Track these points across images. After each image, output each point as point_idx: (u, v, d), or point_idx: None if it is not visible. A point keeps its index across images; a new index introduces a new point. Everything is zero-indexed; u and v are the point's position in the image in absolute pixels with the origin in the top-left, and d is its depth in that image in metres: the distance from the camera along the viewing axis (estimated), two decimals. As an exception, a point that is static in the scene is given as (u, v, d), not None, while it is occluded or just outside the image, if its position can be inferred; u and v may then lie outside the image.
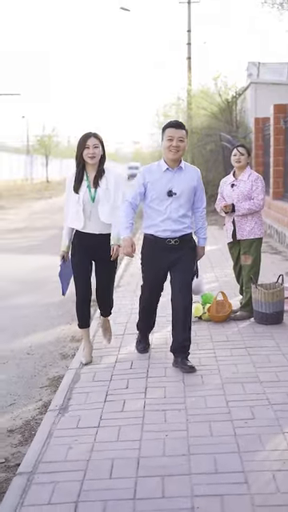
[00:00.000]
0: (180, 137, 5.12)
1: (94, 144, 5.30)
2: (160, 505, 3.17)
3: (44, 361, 6.05)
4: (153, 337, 6.25)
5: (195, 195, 5.34)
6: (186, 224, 5.25)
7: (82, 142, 5.31)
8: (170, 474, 3.48)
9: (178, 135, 5.11)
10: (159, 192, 5.19)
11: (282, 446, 3.76)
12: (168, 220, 5.19)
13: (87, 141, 5.29)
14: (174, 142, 5.09)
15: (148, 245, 5.32)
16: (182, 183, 5.21)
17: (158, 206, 5.21)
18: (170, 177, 5.21)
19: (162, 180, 5.20)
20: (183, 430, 4.05)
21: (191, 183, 5.26)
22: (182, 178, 5.23)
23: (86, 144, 5.29)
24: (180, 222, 5.21)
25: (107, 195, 5.35)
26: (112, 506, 3.18)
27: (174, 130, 5.13)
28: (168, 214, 5.18)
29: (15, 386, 5.39)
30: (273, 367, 5.17)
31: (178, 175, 5.23)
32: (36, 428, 4.42)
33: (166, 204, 5.19)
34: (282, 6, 21.07)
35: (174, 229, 5.20)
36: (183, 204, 5.23)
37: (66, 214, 5.47)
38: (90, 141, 5.30)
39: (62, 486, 3.42)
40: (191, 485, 3.35)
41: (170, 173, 5.22)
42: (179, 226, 5.21)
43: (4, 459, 4.05)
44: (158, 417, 4.27)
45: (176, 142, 5.10)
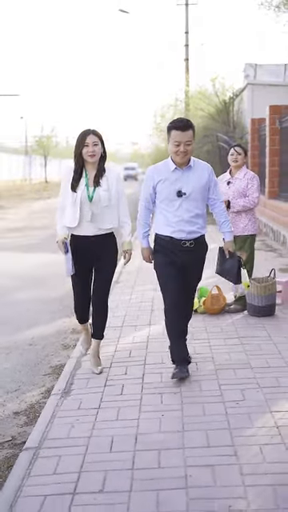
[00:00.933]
0: (187, 141, 4.84)
1: (94, 141, 5.02)
2: (156, 474, 3.46)
3: (46, 351, 6.34)
4: (150, 328, 6.54)
5: (209, 192, 5.10)
6: (199, 224, 5.01)
7: (81, 139, 5.03)
8: (166, 448, 3.77)
9: (185, 139, 4.83)
10: (168, 193, 4.95)
11: (269, 423, 4.05)
12: (181, 221, 4.95)
13: (86, 138, 5.01)
14: (181, 147, 4.83)
15: (161, 245, 5.05)
16: (192, 182, 4.96)
17: (168, 207, 4.98)
18: (179, 176, 4.95)
19: (170, 180, 4.96)
20: (178, 410, 4.34)
21: (202, 181, 5.01)
22: (191, 176, 4.97)
23: (85, 142, 5.01)
24: (193, 222, 4.97)
25: (108, 197, 5.09)
26: (112, 475, 3.47)
27: (180, 134, 4.83)
28: (180, 215, 4.94)
29: (19, 374, 5.68)
30: (264, 355, 5.46)
31: (188, 174, 4.97)
32: (40, 410, 4.70)
33: (176, 205, 4.95)
34: (278, 8, 21.36)
35: (189, 230, 4.96)
36: (195, 204, 4.98)
37: (61, 210, 5.18)
38: (90, 138, 5.02)
39: (65, 459, 3.70)
40: (184, 457, 3.64)
41: (179, 172, 4.96)
42: (193, 227, 4.97)
43: (11, 437, 4.34)
44: (154, 399, 4.56)
45: (184, 147, 4.84)
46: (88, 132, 5.06)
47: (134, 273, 9.95)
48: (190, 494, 3.23)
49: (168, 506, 3.14)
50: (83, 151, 5.03)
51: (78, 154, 5.07)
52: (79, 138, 5.06)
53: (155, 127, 32.19)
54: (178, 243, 4.97)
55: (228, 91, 25.57)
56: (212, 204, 5.21)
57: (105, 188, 5.09)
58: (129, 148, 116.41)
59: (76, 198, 5.05)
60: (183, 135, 4.84)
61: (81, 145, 5.03)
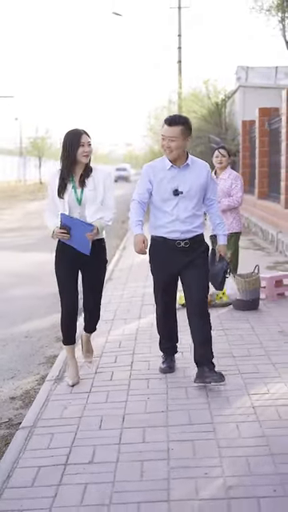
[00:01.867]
0: (171, 136, 4.70)
1: (88, 141, 4.89)
2: (140, 447, 3.80)
3: (41, 343, 6.67)
4: (139, 321, 6.88)
5: (207, 191, 4.95)
6: (195, 224, 4.87)
7: (76, 140, 4.86)
8: (151, 425, 4.11)
9: (169, 134, 4.70)
10: (164, 191, 4.80)
11: (246, 404, 4.39)
12: (176, 221, 4.81)
13: (81, 138, 4.86)
14: (165, 141, 4.74)
15: (156, 247, 4.93)
16: (189, 181, 4.81)
17: (164, 207, 4.83)
18: (175, 174, 4.81)
19: (166, 178, 4.81)
20: (163, 393, 4.68)
21: (200, 180, 4.85)
22: (188, 175, 4.82)
23: (80, 142, 4.85)
24: (189, 222, 4.83)
25: (94, 196, 4.94)
26: (100, 449, 3.80)
27: (166, 129, 4.74)
28: (176, 214, 4.80)
29: (15, 364, 6.01)
30: (245, 344, 5.81)
31: (184, 172, 4.82)
32: (35, 395, 5.03)
33: (172, 204, 4.80)
34: (269, 11, 21.76)
35: (184, 230, 4.81)
36: (191, 203, 4.83)
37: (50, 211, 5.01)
38: (84, 138, 4.88)
39: (58, 436, 4.04)
40: (168, 433, 3.98)
41: (175, 170, 4.81)
42: (189, 227, 4.83)
43: (8, 419, 4.67)
44: (141, 384, 4.90)
45: (167, 142, 4.72)
46: (80, 132, 4.92)
47: (126, 270, 10.31)
48: (171, 464, 3.57)
49: (151, 474, 3.47)
50: (78, 152, 4.85)
51: (73, 155, 4.87)
52: (73, 139, 4.87)
53: (149, 128, 32.58)
54: (172, 243, 4.83)
55: (220, 93, 25.98)
56: (208, 204, 5.06)
57: (91, 187, 4.93)
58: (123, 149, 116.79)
59: (64, 204, 4.90)
60: (168, 130, 4.71)
61: (76, 145, 4.85)
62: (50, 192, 4.99)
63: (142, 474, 3.48)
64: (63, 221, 4.81)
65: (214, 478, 3.39)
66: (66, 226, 4.80)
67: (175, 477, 3.42)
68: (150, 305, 7.50)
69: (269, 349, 5.68)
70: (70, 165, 4.92)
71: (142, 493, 3.27)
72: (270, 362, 5.32)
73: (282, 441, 3.80)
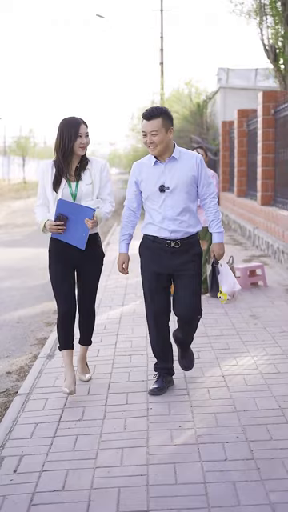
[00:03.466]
0: (152, 130, 4.39)
1: (86, 132, 4.56)
2: (124, 408, 4.39)
3: (32, 327, 7.23)
4: (122, 308, 7.46)
5: (198, 186, 4.58)
6: (187, 223, 4.53)
7: (74, 129, 4.48)
8: (132, 391, 4.69)
9: (149, 129, 4.40)
10: (151, 189, 4.53)
11: (217, 374, 4.99)
12: (165, 219, 4.51)
13: (79, 128, 4.50)
14: (147, 137, 4.43)
15: (146, 246, 4.65)
16: (176, 175, 4.48)
17: (152, 205, 4.57)
18: (161, 170, 4.50)
19: (152, 175, 4.53)
20: (144, 366, 5.26)
21: (189, 173, 4.50)
22: (175, 169, 4.50)
23: (78, 132, 4.49)
24: (179, 220, 4.51)
25: (92, 191, 4.60)
26: (89, 409, 4.38)
27: (145, 123, 4.44)
28: (163, 212, 4.51)
29: (9, 345, 6.56)
30: (219, 326, 6.41)
31: (171, 167, 4.50)
32: (29, 370, 5.58)
33: (159, 202, 4.51)
34: (249, 14, 22.37)
35: (173, 229, 4.50)
36: (180, 199, 4.50)
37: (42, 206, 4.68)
38: (82, 129, 4.52)
39: (51, 400, 4.60)
40: (147, 397, 4.56)
41: (161, 165, 4.51)
42: (179, 227, 4.51)
43: (5, 389, 5.23)
44: (125, 359, 5.48)
45: (150, 138, 4.41)
46: (78, 121, 4.55)
47: (109, 264, 10.86)
48: (150, 420, 4.16)
49: (132, 427, 4.05)
50: (76, 143, 4.49)
51: (69, 147, 4.50)
52: (69, 129, 4.49)
53: (132, 128, 33.11)
54: (162, 243, 4.55)
55: (202, 94, 26.66)
56: (202, 199, 4.67)
57: (88, 182, 4.59)
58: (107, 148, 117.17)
59: (57, 198, 4.54)
60: (148, 125, 4.41)
61: (74, 136, 4.48)
62: (41, 188, 4.63)
63: (125, 428, 4.07)
64: (60, 209, 4.45)
65: (186, 429, 3.99)
66: (62, 215, 4.45)
67: (153, 429, 4.01)
68: (133, 294, 8.15)
69: (240, 330, 6.28)
70: (66, 156, 4.54)
71: (125, 441, 3.86)
72: (240, 340, 5.92)
73: (246, 401, 4.39)
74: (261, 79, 26.45)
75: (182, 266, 4.56)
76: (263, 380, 4.81)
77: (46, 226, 4.55)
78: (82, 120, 4.59)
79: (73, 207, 4.47)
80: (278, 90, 13.87)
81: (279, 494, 3.15)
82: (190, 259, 4.58)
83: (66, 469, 3.54)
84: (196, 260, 4.62)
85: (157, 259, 4.59)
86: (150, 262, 4.63)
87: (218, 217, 4.69)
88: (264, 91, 12.69)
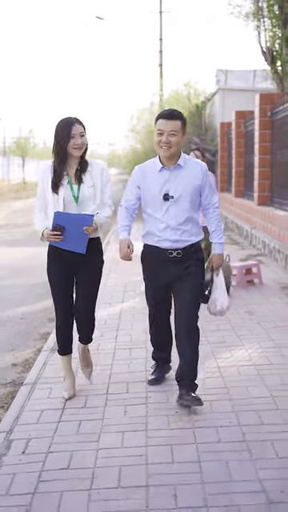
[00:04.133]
0: (171, 130, 4.31)
1: (81, 132, 4.40)
2: (124, 396, 4.67)
3: (35, 323, 7.49)
4: (122, 305, 7.72)
5: (201, 195, 4.51)
6: (189, 232, 4.47)
7: (66, 130, 4.36)
8: (132, 381, 4.97)
9: (168, 128, 4.31)
10: (154, 196, 4.43)
11: (212, 365, 5.27)
12: (167, 229, 4.43)
13: (72, 129, 4.36)
14: (164, 136, 4.32)
15: (147, 256, 4.61)
16: (181, 184, 4.41)
17: (154, 213, 4.46)
18: (166, 177, 4.42)
19: (156, 181, 4.43)
20: (143, 358, 5.53)
21: (193, 182, 4.43)
22: (180, 177, 4.42)
23: (71, 133, 4.36)
24: (182, 230, 4.43)
25: (94, 194, 4.48)
26: (91, 398, 4.66)
27: (164, 122, 4.32)
28: (166, 221, 4.42)
29: (14, 339, 6.83)
30: (215, 321, 6.64)
31: (176, 175, 4.42)
32: (33, 363, 5.84)
33: (162, 210, 4.42)
34: (247, 17, 22.65)
35: (176, 239, 4.43)
36: (184, 209, 4.43)
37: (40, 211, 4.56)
38: (75, 129, 4.37)
39: (56, 390, 4.86)
40: (146, 386, 4.84)
41: (166, 172, 4.42)
42: (181, 236, 4.44)
43: (11, 380, 5.49)
44: (125, 352, 5.75)
45: (166, 137, 4.31)
46: (72, 121, 4.42)
47: (108, 263, 11.13)
48: (149, 407, 4.43)
49: (132, 413, 4.33)
50: (69, 144, 4.38)
51: (64, 148, 4.40)
52: (62, 130, 4.39)
53: (131, 129, 33.38)
54: (164, 253, 4.48)
55: (201, 95, 26.94)
56: (205, 209, 4.59)
57: (89, 184, 4.47)
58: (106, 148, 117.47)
59: (58, 200, 4.42)
60: (167, 124, 4.32)
61: (66, 137, 4.37)
62: (41, 189, 4.52)
63: (125, 414, 4.34)
64: (57, 220, 4.35)
65: (182, 415, 4.25)
66: (59, 226, 4.35)
67: (151, 414, 4.29)
68: (132, 291, 8.42)
69: (235, 325, 6.55)
70: (62, 158, 4.45)
71: (125, 425, 4.14)
72: (235, 334, 6.19)
73: (239, 390, 4.67)
74: (259, 81, 26.75)
75: (182, 274, 4.49)
76: (256, 371, 5.08)
77: (44, 235, 4.44)
78: (76, 119, 4.44)
79: (70, 218, 4.36)
80: (274, 93, 14.13)
81: (268, 472, 3.42)
82: (192, 264, 4.50)
83: (70, 450, 3.81)
84: (198, 264, 4.54)
85: (159, 269, 4.54)
86: (152, 271, 4.60)
87: (221, 227, 4.62)
88: (261, 93, 12.95)
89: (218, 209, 4.63)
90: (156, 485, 3.34)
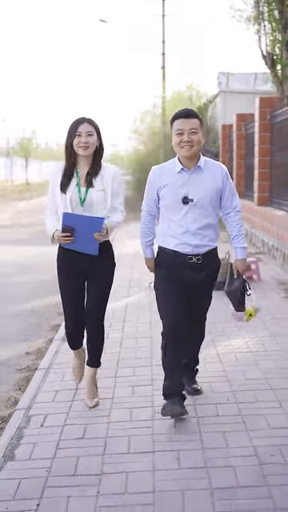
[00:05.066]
0: (192, 128, 4.17)
1: (88, 131, 4.31)
2: (132, 379, 5.12)
3: (45, 316, 7.93)
4: (128, 299, 8.16)
5: (222, 199, 4.36)
6: (208, 237, 4.31)
7: (73, 128, 4.32)
8: (139, 365, 5.41)
9: (189, 127, 4.17)
10: (172, 199, 4.27)
11: (212, 352, 5.71)
12: (186, 233, 4.26)
13: (79, 127, 4.31)
14: (184, 136, 4.16)
15: (164, 260, 4.38)
16: (201, 187, 4.25)
17: (172, 216, 4.30)
18: (186, 179, 4.26)
19: (175, 184, 4.27)
20: (148, 346, 5.97)
21: (214, 185, 4.28)
22: (201, 179, 4.27)
23: (77, 131, 4.30)
24: (201, 235, 4.27)
25: (103, 199, 4.36)
26: (102, 380, 5.07)
27: (183, 121, 4.19)
28: (185, 225, 4.25)
29: (26, 331, 7.27)
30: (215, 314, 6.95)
31: (196, 176, 4.27)
32: (45, 351, 6.27)
33: (181, 213, 4.26)
34: (248, 20, 23.09)
35: (196, 244, 4.26)
36: (204, 213, 4.27)
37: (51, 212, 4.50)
38: (83, 127, 4.31)
39: (68, 374, 5.29)
40: (152, 370, 5.28)
41: (186, 174, 4.27)
42: (201, 241, 4.28)
43: (26, 366, 5.93)
44: (131, 341, 6.20)
45: (188, 136, 4.16)
46: (81, 120, 4.36)
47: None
48: (154, 387, 4.86)
49: (140, 393, 4.77)
50: (74, 142, 4.32)
51: (69, 147, 4.36)
52: (71, 128, 4.35)
53: (134, 130, 33.85)
54: (182, 258, 4.30)
55: (202, 97, 27.40)
56: (225, 214, 4.46)
57: (99, 188, 4.36)
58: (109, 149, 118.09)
59: (65, 201, 4.35)
60: (187, 122, 4.19)
61: (72, 135, 4.33)
62: (51, 189, 4.46)
63: (133, 393, 4.78)
64: (65, 222, 4.26)
65: (185, 394, 4.69)
66: (68, 227, 4.27)
67: (157, 394, 4.71)
68: (136, 287, 8.85)
69: (234, 317, 6.98)
70: (70, 157, 4.39)
71: (133, 402, 4.58)
72: (235, 325, 6.62)
73: (236, 373, 5.12)
74: (260, 83, 27.20)
75: (200, 279, 4.36)
76: (252, 357, 5.52)
77: (54, 237, 4.37)
78: (87, 118, 4.38)
79: (80, 219, 4.26)
80: (274, 96, 14.54)
81: (260, 440, 3.87)
82: (209, 273, 4.39)
83: (84, 423, 4.25)
84: (215, 275, 4.50)
85: (176, 274, 4.32)
86: (168, 275, 4.35)
87: (242, 231, 4.48)
88: (261, 97, 13.40)
89: (239, 212, 4.47)
90: (161, 450, 3.78)
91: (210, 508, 3.17)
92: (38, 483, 3.49)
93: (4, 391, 5.26)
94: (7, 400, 5.04)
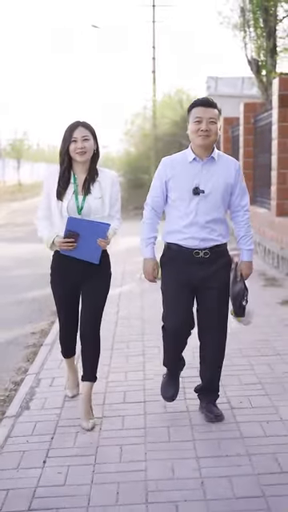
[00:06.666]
0: (211, 117, 4.02)
1: (84, 136, 4.13)
2: (126, 350, 5.89)
3: (46, 303, 8.69)
4: (121, 288, 8.95)
5: (232, 194, 4.18)
6: (218, 231, 4.13)
7: (68, 134, 4.14)
8: (132, 340, 6.21)
9: (208, 115, 4.01)
10: (183, 189, 4.08)
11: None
12: (194, 226, 4.07)
13: (74, 132, 4.13)
14: (203, 124, 4.00)
15: (170, 257, 4.19)
16: (214, 178, 4.09)
17: (181, 207, 4.10)
18: (198, 169, 4.09)
19: (186, 173, 4.09)
20: (140, 326, 6.77)
21: (226, 179, 4.12)
22: (213, 171, 4.10)
23: (72, 137, 4.12)
24: (210, 228, 4.09)
25: (101, 206, 4.20)
26: (100, 352, 5.88)
27: (202, 110, 4.02)
28: (193, 217, 4.07)
29: (29, 315, 8.06)
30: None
31: (209, 168, 4.10)
32: (49, 331, 7.06)
33: (191, 205, 4.07)
34: (235, 26, 23.92)
35: (203, 237, 4.08)
36: (214, 206, 4.09)
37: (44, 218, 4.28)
38: (78, 132, 4.13)
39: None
40: (143, 343, 6.07)
41: (198, 164, 4.10)
42: (210, 235, 4.10)
43: (32, 343, 6.71)
44: (125, 321, 6.99)
45: (206, 125, 4.00)
46: (76, 125, 4.17)
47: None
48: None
49: (133, 360, 5.56)
50: (70, 148, 4.14)
51: (65, 152, 4.18)
52: (66, 133, 4.17)
53: (125, 132, 34.65)
54: (188, 253, 4.11)
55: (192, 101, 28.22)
56: (234, 211, 4.28)
57: (97, 195, 4.20)
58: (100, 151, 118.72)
59: (62, 209, 4.18)
60: (206, 111, 4.03)
61: (67, 140, 4.15)
62: (45, 195, 4.27)
63: (127, 362, 5.58)
64: (70, 227, 4.07)
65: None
66: (73, 232, 4.08)
67: (148, 361, 5.51)
68: (129, 278, 9.67)
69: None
70: (67, 163, 4.22)
71: (128, 367, 5.40)
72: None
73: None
74: (247, 87, 28.11)
75: (208, 278, 4.14)
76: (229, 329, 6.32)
77: (54, 243, 4.17)
78: (82, 122, 4.21)
79: (84, 224, 4.09)
80: (257, 102, 15.37)
81: (232, 392, 4.68)
82: (219, 269, 4.18)
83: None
84: (226, 268, 4.24)
85: (182, 271, 4.13)
86: (174, 274, 4.15)
87: (250, 232, 4.32)
88: (245, 102, 14.24)
89: (248, 212, 4.29)
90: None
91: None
92: (50, 424, 4.30)
93: (15, 363, 6.05)
94: (18, 369, 5.83)
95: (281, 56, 18.07)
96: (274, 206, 10.71)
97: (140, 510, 3.22)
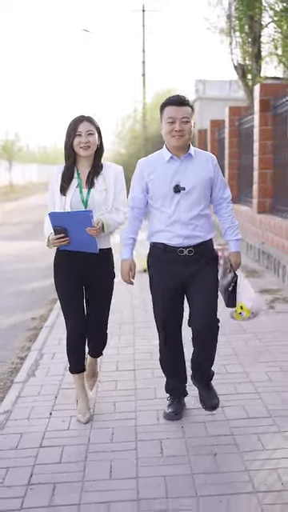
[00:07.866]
0: (184, 116, 3.99)
1: (88, 130, 4.16)
2: (117, 331, 6.62)
3: (44, 293, 9.42)
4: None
5: (213, 189, 4.18)
6: (201, 227, 4.11)
7: (72, 128, 4.16)
8: (124, 322, 6.92)
9: (180, 115, 3.98)
10: (163, 188, 4.06)
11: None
12: (177, 223, 4.06)
13: (78, 126, 4.15)
14: (176, 124, 3.97)
15: (155, 256, 4.20)
16: (193, 175, 4.07)
17: (163, 207, 4.09)
18: (176, 167, 4.07)
19: (165, 173, 4.07)
20: (131, 312, 7.49)
21: (206, 174, 4.10)
22: (192, 167, 4.09)
23: (76, 131, 4.15)
24: (193, 225, 4.07)
25: (105, 199, 4.21)
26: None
27: (175, 109, 3.99)
28: (176, 215, 4.06)
29: (29, 304, 8.76)
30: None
31: (187, 165, 4.09)
32: (48, 316, 7.76)
33: (173, 203, 4.05)
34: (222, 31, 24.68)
35: (187, 234, 4.07)
36: (196, 202, 4.07)
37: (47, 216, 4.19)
38: (83, 126, 4.16)
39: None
40: (134, 329, 6.79)
41: (176, 162, 4.08)
42: (193, 231, 4.08)
43: (33, 327, 7.42)
44: (117, 307, 7.70)
45: (179, 125, 3.97)
46: (81, 119, 4.20)
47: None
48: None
49: (123, 339, 6.28)
50: (75, 142, 4.16)
51: (69, 147, 4.19)
52: (70, 128, 4.19)
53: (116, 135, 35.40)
54: (173, 252, 4.10)
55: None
56: (217, 204, 4.27)
57: (101, 188, 4.21)
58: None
59: (65, 204, 4.17)
60: (178, 110, 3.99)
61: (72, 135, 4.17)
62: (51, 192, 4.29)
63: (119, 340, 6.30)
64: (54, 223, 4.06)
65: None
66: (59, 227, 4.07)
67: (137, 339, 6.22)
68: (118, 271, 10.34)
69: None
70: (71, 158, 4.23)
71: (119, 343, 6.10)
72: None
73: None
74: (234, 90, 28.88)
75: (196, 274, 4.13)
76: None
77: (49, 241, 4.17)
78: (86, 117, 4.23)
79: (66, 216, 4.07)
80: (241, 106, 16.10)
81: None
82: (204, 262, 4.15)
83: (84, 356, 5.77)
84: (211, 263, 4.19)
85: (169, 270, 4.14)
86: (161, 273, 4.17)
87: (235, 223, 4.29)
88: (230, 106, 14.98)
89: (231, 204, 4.30)
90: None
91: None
92: (54, 387, 5.03)
93: (19, 342, 6.76)
94: (22, 347, 6.54)
95: (265, 61, 18.86)
96: (255, 203, 11.45)
97: (131, 446, 3.98)
